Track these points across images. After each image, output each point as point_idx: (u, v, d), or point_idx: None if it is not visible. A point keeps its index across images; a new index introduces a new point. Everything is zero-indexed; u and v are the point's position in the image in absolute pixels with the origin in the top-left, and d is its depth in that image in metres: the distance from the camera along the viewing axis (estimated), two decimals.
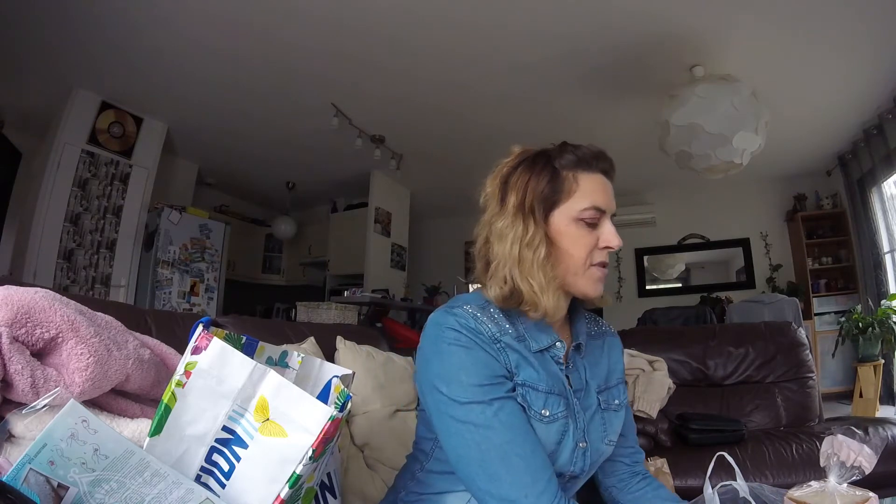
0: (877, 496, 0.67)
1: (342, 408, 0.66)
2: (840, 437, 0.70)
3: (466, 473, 0.65)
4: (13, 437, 0.54)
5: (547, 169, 0.73)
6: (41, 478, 0.45)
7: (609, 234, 0.73)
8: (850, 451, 0.69)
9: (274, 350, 0.76)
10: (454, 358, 0.67)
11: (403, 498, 0.78)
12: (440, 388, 0.67)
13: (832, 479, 0.68)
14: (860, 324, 3.79)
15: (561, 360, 0.74)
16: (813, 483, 0.70)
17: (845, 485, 0.68)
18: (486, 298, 0.74)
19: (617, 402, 0.80)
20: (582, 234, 0.72)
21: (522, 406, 0.68)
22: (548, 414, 0.68)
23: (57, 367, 0.58)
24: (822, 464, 0.70)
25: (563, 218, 0.72)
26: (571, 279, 0.73)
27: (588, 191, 0.72)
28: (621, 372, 0.85)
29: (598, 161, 0.74)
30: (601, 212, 0.73)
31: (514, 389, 0.68)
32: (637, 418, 1.82)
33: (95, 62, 3.16)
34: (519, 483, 0.62)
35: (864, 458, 0.68)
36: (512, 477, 0.62)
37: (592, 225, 0.73)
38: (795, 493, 0.70)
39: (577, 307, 0.82)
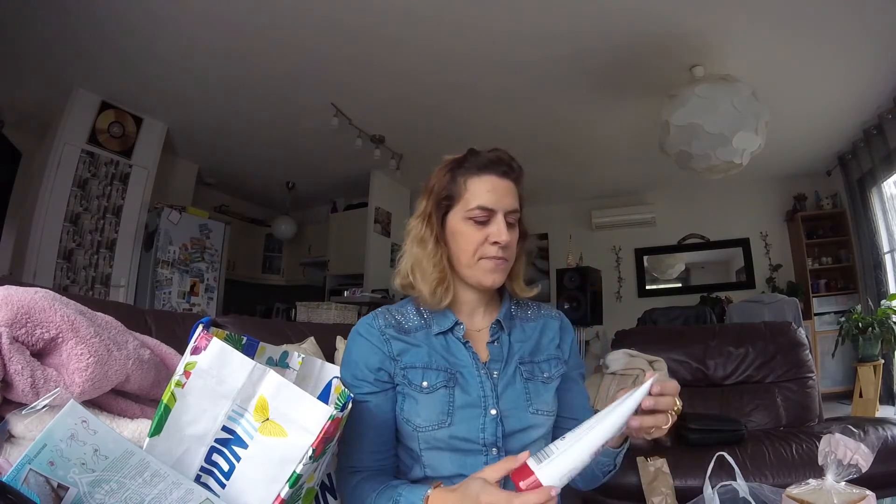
0: (874, 494, 0.68)
1: (343, 407, 0.66)
2: (838, 435, 0.71)
3: None
4: (13, 437, 0.54)
5: (448, 176, 0.83)
6: (41, 478, 0.45)
7: (496, 230, 0.80)
8: (846, 450, 0.70)
9: (274, 350, 0.76)
10: (345, 353, 0.84)
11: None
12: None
13: (830, 477, 0.69)
14: (860, 324, 3.78)
15: (463, 339, 0.83)
16: (811, 481, 0.71)
17: (843, 483, 0.69)
18: (410, 296, 0.88)
19: (546, 374, 0.85)
20: (472, 232, 0.81)
21: (405, 385, 0.78)
22: (427, 385, 0.78)
23: (57, 367, 0.58)
24: (820, 462, 0.71)
25: (456, 218, 0.82)
26: (465, 271, 0.83)
27: (476, 193, 0.81)
28: (556, 350, 0.89)
29: (492, 165, 0.82)
30: (489, 211, 0.80)
31: (387, 386, 0.79)
32: None
33: (95, 62, 3.16)
34: (341, 462, 0.80)
35: (861, 456, 0.69)
36: (341, 455, 0.80)
37: (483, 222, 0.81)
38: (794, 490, 0.71)
39: (506, 294, 0.92)
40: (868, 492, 0.68)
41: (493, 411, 0.77)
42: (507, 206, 0.82)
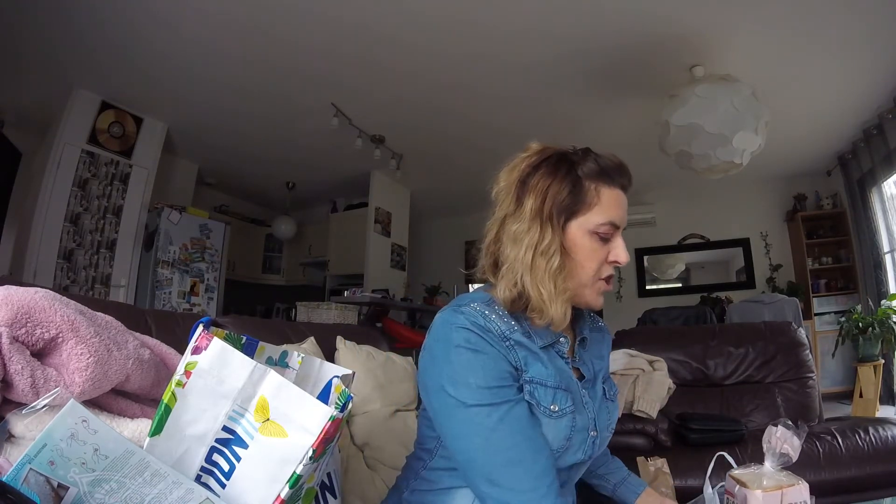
0: (807, 485, 0.76)
1: (343, 408, 0.66)
2: (778, 427, 0.79)
3: (470, 475, 0.67)
4: (13, 437, 0.54)
5: (570, 177, 0.72)
6: (41, 478, 0.45)
7: (619, 250, 0.74)
8: (777, 440, 0.78)
9: (274, 350, 0.76)
10: (462, 359, 0.66)
11: (408, 498, 0.78)
12: (448, 390, 0.66)
13: (768, 463, 0.79)
14: (860, 324, 3.78)
15: (566, 355, 0.76)
16: (752, 465, 0.82)
17: (783, 471, 0.79)
18: (491, 296, 0.74)
19: (614, 392, 0.84)
20: (595, 248, 0.72)
21: (531, 403, 0.68)
22: (556, 409, 0.69)
23: (57, 367, 0.58)
24: (764, 450, 0.81)
25: (579, 229, 0.72)
26: (580, 290, 0.74)
27: (608, 206, 0.72)
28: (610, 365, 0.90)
29: (619, 175, 0.74)
30: (616, 227, 0.74)
31: (521, 389, 0.69)
32: (637, 418, 1.82)
33: (95, 62, 3.16)
34: (519, 488, 0.63)
35: (791, 447, 0.77)
36: (513, 482, 0.63)
37: (605, 239, 0.73)
38: (736, 472, 0.81)
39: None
40: (802, 481, 0.77)
41: (594, 433, 0.74)
42: (626, 222, 0.75)
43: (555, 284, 0.69)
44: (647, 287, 5.66)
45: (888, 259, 4.06)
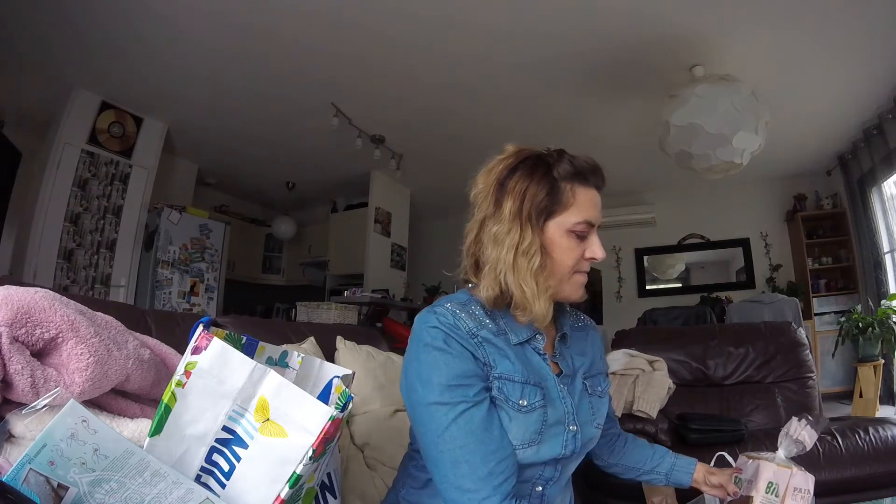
0: (813, 477, 0.82)
1: (343, 408, 0.66)
2: (802, 420, 0.86)
3: (429, 468, 0.71)
4: (13, 437, 0.54)
5: (547, 178, 0.74)
6: (41, 478, 0.45)
7: (595, 247, 0.77)
8: (797, 427, 0.84)
9: (274, 350, 0.76)
10: (430, 358, 0.70)
11: (404, 496, 0.80)
12: (416, 388, 0.70)
13: (781, 452, 0.86)
14: (860, 324, 3.78)
15: (542, 351, 0.78)
16: (765, 452, 0.88)
17: (794, 464, 0.84)
18: (470, 296, 0.78)
19: (601, 389, 0.85)
20: (572, 246, 0.75)
21: (500, 398, 0.71)
22: (525, 404, 0.71)
23: (57, 367, 0.58)
24: (779, 439, 0.87)
25: (556, 228, 0.75)
26: (560, 286, 0.77)
27: (583, 205, 0.75)
28: (602, 364, 0.90)
29: (593, 176, 0.77)
30: (591, 225, 0.77)
31: (488, 389, 0.71)
32: (637, 418, 1.82)
33: (95, 62, 3.16)
34: (463, 487, 0.66)
35: (807, 434, 0.83)
36: (458, 481, 0.66)
37: (582, 237, 0.76)
38: (750, 452, 0.89)
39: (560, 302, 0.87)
40: (808, 474, 0.82)
41: (574, 427, 0.75)
42: (601, 220, 0.79)
43: (537, 283, 0.72)
44: (647, 287, 5.66)
45: (888, 259, 4.06)
